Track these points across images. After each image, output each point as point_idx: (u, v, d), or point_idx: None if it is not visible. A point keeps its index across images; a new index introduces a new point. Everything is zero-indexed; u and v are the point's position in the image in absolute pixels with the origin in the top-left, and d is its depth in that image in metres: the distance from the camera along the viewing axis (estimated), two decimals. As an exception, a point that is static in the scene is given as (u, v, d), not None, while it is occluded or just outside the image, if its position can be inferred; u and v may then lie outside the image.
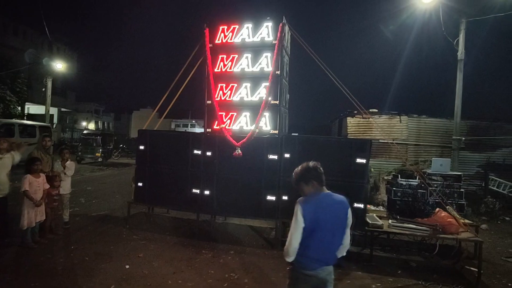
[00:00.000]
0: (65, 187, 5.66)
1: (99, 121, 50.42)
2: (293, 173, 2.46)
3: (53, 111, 23.80)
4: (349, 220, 2.35)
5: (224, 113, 5.92)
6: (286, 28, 5.94)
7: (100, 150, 17.19)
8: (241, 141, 5.52)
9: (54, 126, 21.67)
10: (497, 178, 9.80)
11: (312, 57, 5.95)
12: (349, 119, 12.54)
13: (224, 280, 4.11)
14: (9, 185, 4.87)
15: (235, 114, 5.88)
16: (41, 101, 21.04)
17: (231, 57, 5.94)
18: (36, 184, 4.71)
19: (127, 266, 4.34)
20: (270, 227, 6.47)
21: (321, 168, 2.39)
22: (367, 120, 11.92)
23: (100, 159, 17.26)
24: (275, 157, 5.48)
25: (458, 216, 5.14)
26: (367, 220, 5.01)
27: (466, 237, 4.76)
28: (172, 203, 6.18)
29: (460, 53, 9.41)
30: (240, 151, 5.49)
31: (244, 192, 5.60)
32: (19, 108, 19.10)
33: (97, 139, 17.52)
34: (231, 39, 5.95)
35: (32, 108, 23.76)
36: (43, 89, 20.09)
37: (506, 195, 9.32)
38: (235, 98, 5.89)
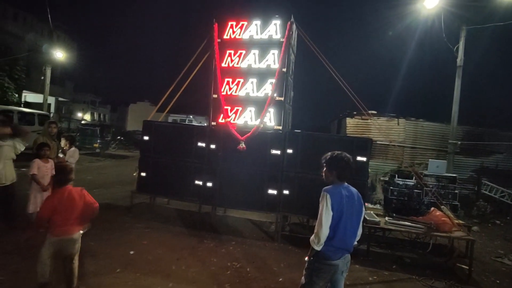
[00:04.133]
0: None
1: (95, 113, 50.10)
2: (325, 155, 2.59)
3: (51, 100, 23.64)
4: (363, 211, 2.56)
5: (229, 107, 6.03)
6: (294, 26, 6.07)
7: (98, 141, 17.18)
8: (246, 135, 5.65)
9: (52, 115, 21.54)
10: (489, 183, 10.07)
11: (318, 56, 6.09)
12: (348, 120, 12.73)
13: (226, 268, 4.25)
14: (13, 174, 4.81)
15: (240, 108, 5.99)
16: (38, 90, 20.87)
17: (238, 53, 6.05)
18: (44, 169, 4.78)
19: (132, 252, 4.45)
20: (269, 221, 6.62)
21: (350, 163, 2.51)
22: (366, 121, 12.12)
23: (98, 150, 17.25)
24: (278, 152, 5.62)
25: (452, 216, 5.34)
26: (365, 216, 5.18)
27: (459, 236, 4.96)
28: (175, 193, 6.29)
29: (460, 59, 9.64)
30: (244, 145, 5.62)
31: (247, 185, 5.74)
32: (17, 95, 18.95)
33: (96, 130, 17.51)
34: (239, 35, 6.06)
35: (29, 96, 23.54)
36: (42, 78, 19.97)
37: (497, 200, 9.60)
38: (241, 93, 6.00)
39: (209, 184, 5.93)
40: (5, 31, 19.97)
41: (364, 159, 5.28)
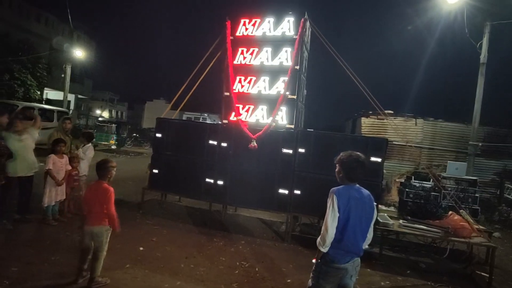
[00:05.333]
0: (82, 168, 5.78)
1: (113, 110, 51.28)
2: (337, 155, 2.53)
3: (70, 97, 24.35)
4: (375, 214, 2.44)
5: (241, 105, 5.98)
6: (308, 23, 5.95)
7: (114, 137, 17.56)
8: (257, 134, 5.58)
9: (71, 112, 22.18)
10: (513, 186, 9.62)
11: (332, 54, 5.95)
12: (363, 119, 12.45)
13: (235, 267, 4.21)
14: (37, 164, 4.98)
15: (252, 106, 5.94)
16: (59, 87, 21.58)
17: (251, 50, 5.99)
18: (59, 164, 4.89)
19: (141, 248, 4.48)
20: (279, 221, 6.54)
21: (362, 164, 2.44)
22: (381, 121, 11.82)
23: (113, 147, 17.62)
24: (290, 151, 5.53)
25: (471, 220, 5.11)
26: (378, 219, 5.02)
27: (479, 242, 4.73)
28: (186, 191, 6.30)
29: (483, 56, 9.22)
30: (255, 144, 5.56)
31: (257, 184, 5.68)
32: (38, 92, 19.62)
33: (112, 127, 17.91)
34: (252, 32, 6.00)
35: (50, 94, 24.36)
36: (62, 75, 20.62)
37: (521, 204, 9.15)
38: (253, 90, 5.94)
39: (220, 182, 5.91)
40: (28, 31, 20.68)
41: (379, 159, 5.12)
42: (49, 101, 21.58)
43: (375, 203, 2.47)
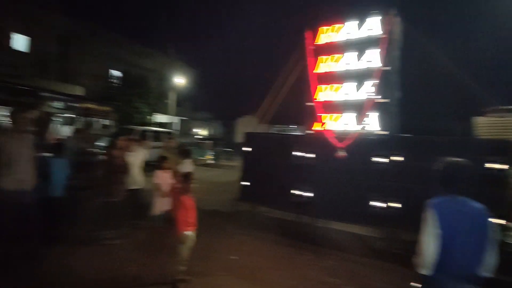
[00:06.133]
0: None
1: (209, 128, 56.45)
2: (436, 163, 2.19)
3: (175, 119, 27.90)
4: (492, 233, 1.94)
5: (326, 114, 5.79)
6: (396, 20, 5.43)
7: (210, 153, 19.21)
8: (345, 142, 5.28)
9: (175, 132, 25.38)
10: None
11: (429, 49, 5.26)
12: (478, 119, 10.51)
13: (326, 283, 3.98)
14: (142, 179, 5.80)
15: (338, 114, 5.68)
16: (166, 111, 25.11)
17: (334, 57, 5.79)
18: (164, 178, 5.56)
19: (232, 257, 4.66)
20: (375, 236, 5.94)
21: (465, 172, 2.08)
22: (503, 119, 9.76)
23: (210, 161, 19.27)
24: (384, 160, 5.03)
25: None
26: (508, 241, 4.06)
27: None
28: (274, 202, 6.36)
29: None
30: (343, 153, 5.26)
31: (348, 196, 5.33)
32: (150, 117, 23.18)
33: (208, 143, 19.68)
34: (334, 39, 5.81)
35: (159, 117, 28.41)
36: (165, 101, 24.01)
37: None
38: (339, 98, 5.70)
39: (308, 194, 5.77)
40: (142, 67, 24.81)
41: (504, 166, 4.18)
42: (159, 124, 25.23)
43: (491, 219, 1.97)
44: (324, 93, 5.84)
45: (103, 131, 14.87)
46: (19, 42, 15.87)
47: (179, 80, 22.56)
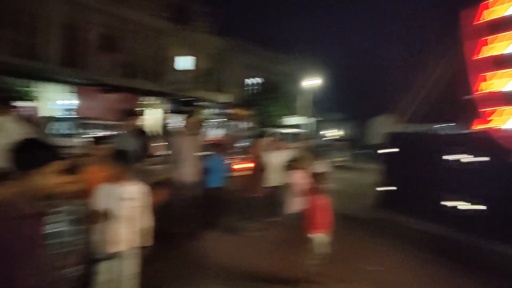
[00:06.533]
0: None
1: (344, 128, 54.68)
2: None
3: (309, 120, 28.51)
4: None
5: (490, 109, 4.66)
6: None
7: (343, 154, 18.64)
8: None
9: (309, 133, 25.93)
10: None
11: None
12: None
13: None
14: (281, 179, 6.17)
15: (508, 108, 4.47)
16: (299, 113, 26.22)
17: (500, 36, 4.59)
18: (298, 178, 5.79)
19: (369, 268, 4.39)
20: None
21: None
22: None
23: (343, 163, 18.67)
24: None
25: None
26: None
27: None
28: (422, 213, 5.54)
29: None
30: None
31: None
32: (284, 119, 24.72)
33: (339, 145, 19.19)
34: (500, 13, 4.60)
35: (293, 119, 29.68)
36: (299, 103, 25.05)
37: None
38: (508, 88, 4.47)
39: (465, 207, 4.79)
40: (276, 72, 26.73)
41: None
42: (294, 126, 26.35)
43: None
44: (486, 83, 4.68)
45: (247, 133, 16.96)
46: (186, 62, 19.77)
47: (314, 82, 23.30)
